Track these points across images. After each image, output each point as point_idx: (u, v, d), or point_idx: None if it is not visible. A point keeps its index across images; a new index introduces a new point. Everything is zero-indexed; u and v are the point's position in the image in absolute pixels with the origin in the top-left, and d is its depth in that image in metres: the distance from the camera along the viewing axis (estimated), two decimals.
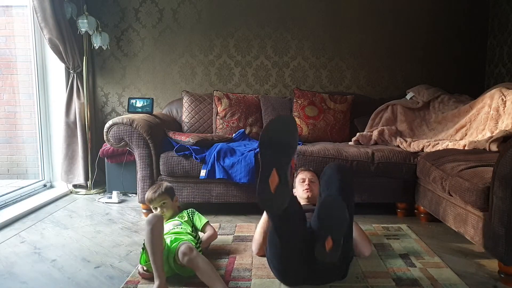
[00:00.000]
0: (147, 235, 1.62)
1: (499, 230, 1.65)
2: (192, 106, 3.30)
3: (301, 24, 3.59)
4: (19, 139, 3.64)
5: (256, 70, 3.65)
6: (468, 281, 1.72)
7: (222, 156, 2.63)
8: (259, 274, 1.79)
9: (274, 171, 1.37)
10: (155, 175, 2.68)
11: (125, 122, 2.63)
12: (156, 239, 1.62)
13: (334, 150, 2.67)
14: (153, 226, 1.62)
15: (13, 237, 2.30)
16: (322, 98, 3.27)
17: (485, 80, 3.65)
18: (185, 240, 1.76)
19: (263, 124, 3.28)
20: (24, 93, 3.55)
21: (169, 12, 3.58)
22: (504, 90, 2.62)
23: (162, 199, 1.99)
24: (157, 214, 1.71)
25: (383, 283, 1.70)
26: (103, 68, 3.65)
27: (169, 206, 2.01)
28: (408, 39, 3.60)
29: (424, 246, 2.13)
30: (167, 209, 2.00)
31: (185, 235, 1.84)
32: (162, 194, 1.99)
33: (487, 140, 2.31)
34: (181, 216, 2.00)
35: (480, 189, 1.75)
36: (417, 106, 3.18)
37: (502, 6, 3.41)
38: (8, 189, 3.09)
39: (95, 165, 3.39)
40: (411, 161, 2.61)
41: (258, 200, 1.39)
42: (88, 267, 1.90)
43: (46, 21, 2.99)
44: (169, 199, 2.02)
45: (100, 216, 2.72)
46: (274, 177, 1.37)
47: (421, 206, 2.56)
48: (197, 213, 2.08)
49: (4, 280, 1.76)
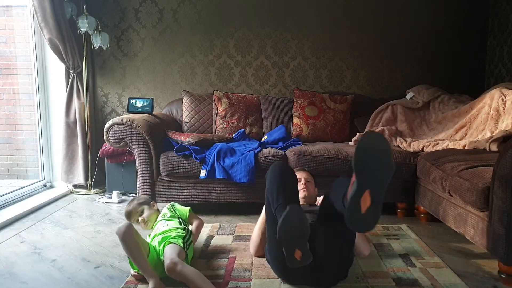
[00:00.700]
0: (122, 245, 1.63)
1: (499, 230, 1.65)
2: (192, 106, 3.30)
3: (301, 24, 3.59)
4: (19, 139, 3.64)
5: (256, 70, 3.65)
6: (468, 281, 1.72)
7: (222, 156, 2.63)
8: (259, 274, 1.79)
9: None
10: (155, 175, 2.68)
11: (125, 122, 2.63)
12: (131, 247, 1.62)
13: (334, 150, 2.67)
14: (122, 235, 1.62)
15: (13, 237, 2.30)
16: (322, 98, 3.27)
17: (485, 80, 3.65)
18: (172, 237, 1.75)
19: (263, 124, 3.28)
20: (24, 93, 3.55)
21: (169, 12, 3.58)
22: (504, 90, 2.62)
23: (138, 209, 2.01)
24: (124, 223, 1.66)
25: (383, 283, 1.70)
26: (103, 68, 3.65)
27: (149, 213, 2.01)
28: (408, 39, 3.60)
29: (424, 246, 2.13)
30: (148, 216, 1.99)
31: (173, 230, 1.82)
32: (137, 205, 2.02)
33: (487, 140, 2.31)
34: (163, 215, 1.99)
35: (480, 189, 1.75)
36: (417, 106, 3.18)
37: (502, 6, 3.41)
38: (8, 189, 3.09)
39: (95, 165, 3.39)
40: (411, 161, 2.61)
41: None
42: (88, 267, 1.90)
43: (46, 21, 2.99)
44: (146, 207, 2.02)
45: (100, 216, 2.72)
46: (297, 253, 1.41)
47: (421, 206, 2.56)
48: (176, 204, 2.08)
49: (4, 280, 1.76)
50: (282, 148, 2.83)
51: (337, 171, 2.62)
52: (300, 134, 3.17)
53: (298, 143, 2.95)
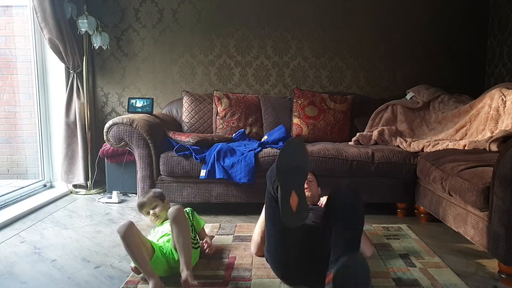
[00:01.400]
0: (123, 244, 1.62)
1: (499, 230, 1.65)
2: (192, 106, 3.30)
3: (301, 24, 3.59)
4: (19, 139, 3.64)
5: (256, 70, 3.65)
6: (468, 281, 1.72)
7: (222, 156, 2.63)
8: (259, 274, 1.79)
9: (293, 193, 1.45)
10: (155, 175, 2.68)
11: (125, 122, 2.63)
12: (132, 245, 1.61)
13: (334, 150, 2.67)
14: (123, 233, 1.61)
15: (13, 237, 2.30)
16: (322, 98, 3.27)
17: (485, 80, 3.64)
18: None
19: (263, 124, 3.28)
20: (24, 93, 3.55)
21: (169, 12, 3.58)
22: (504, 90, 2.62)
23: (153, 202, 1.99)
24: (124, 223, 1.65)
25: (383, 283, 1.70)
26: (103, 68, 3.65)
27: (161, 208, 2.00)
28: (408, 39, 3.60)
29: (424, 246, 2.13)
30: (159, 211, 1.98)
31: None
32: (152, 198, 2.00)
33: (487, 140, 2.31)
34: None
35: (480, 189, 1.75)
36: (417, 106, 3.18)
37: (502, 6, 3.41)
38: (8, 189, 3.09)
39: (95, 165, 3.39)
40: (411, 161, 2.61)
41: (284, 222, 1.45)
42: (88, 267, 1.90)
43: (46, 21, 2.99)
44: (160, 202, 2.01)
45: (100, 216, 2.72)
46: (293, 197, 1.45)
47: (421, 206, 2.56)
48: (196, 213, 2.08)
49: (4, 280, 1.76)
50: None
51: (337, 171, 2.62)
52: (300, 134, 3.17)
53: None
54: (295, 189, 1.46)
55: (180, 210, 1.71)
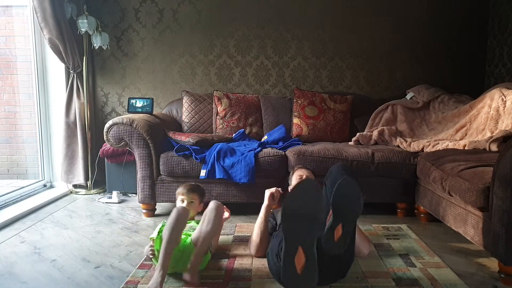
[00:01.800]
0: (170, 223, 1.62)
1: (499, 230, 1.65)
2: (192, 106, 3.30)
3: (301, 24, 3.59)
4: (19, 139, 3.64)
5: (256, 70, 3.65)
6: (468, 281, 1.72)
7: (222, 156, 2.63)
8: (259, 274, 1.78)
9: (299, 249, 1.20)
10: (155, 175, 2.68)
11: (125, 122, 2.63)
12: (176, 229, 1.63)
13: (334, 150, 2.67)
14: (179, 215, 1.64)
15: (13, 237, 2.30)
16: (322, 98, 3.27)
17: (485, 80, 3.64)
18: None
19: (263, 124, 3.28)
20: (24, 93, 3.55)
21: (169, 12, 3.58)
22: (504, 90, 2.62)
23: (193, 197, 2.05)
24: (187, 209, 1.74)
25: (383, 283, 1.70)
26: (103, 68, 3.65)
27: (195, 207, 2.06)
28: (408, 39, 3.60)
29: (424, 246, 2.13)
30: (192, 208, 2.03)
31: None
32: (196, 193, 2.06)
33: (487, 140, 2.31)
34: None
35: (480, 189, 1.75)
36: (417, 106, 3.18)
37: (502, 6, 3.41)
38: (8, 189, 3.09)
39: (95, 165, 3.39)
40: (411, 161, 2.61)
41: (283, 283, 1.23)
42: (88, 267, 1.90)
43: (46, 21, 2.99)
44: (197, 200, 2.07)
45: (100, 216, 2.72)
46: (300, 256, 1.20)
47: (421, 206, 2.56)
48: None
49: (4, 280, 1.76)
50: (282, 148, 2.83)
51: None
52: (300, 134, 3.17)
53: (298, 143, 2.95)
54: (303, 245, 1.21)
55: (222, 206, 1.84)
